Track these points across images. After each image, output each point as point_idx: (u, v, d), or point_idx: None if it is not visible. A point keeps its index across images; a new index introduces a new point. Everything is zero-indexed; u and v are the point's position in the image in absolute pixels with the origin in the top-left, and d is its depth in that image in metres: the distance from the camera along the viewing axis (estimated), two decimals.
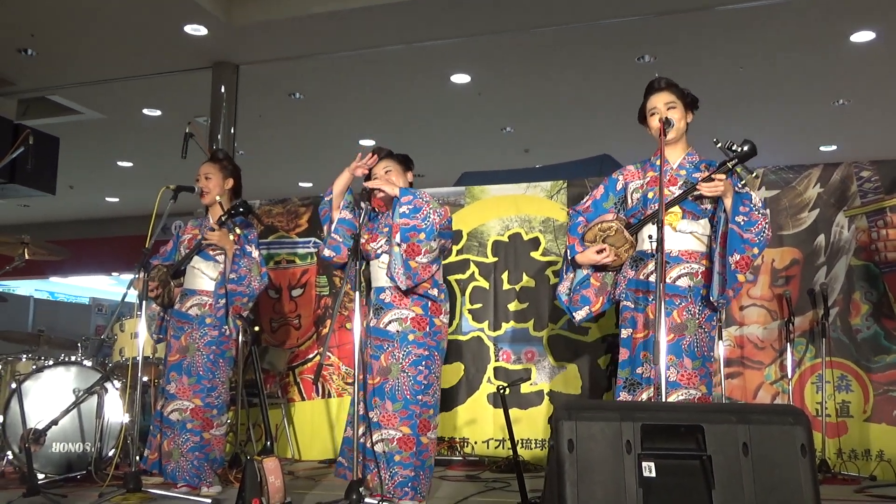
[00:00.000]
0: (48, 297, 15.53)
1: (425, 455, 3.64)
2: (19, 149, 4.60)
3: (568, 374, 5.35)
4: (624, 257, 3.55)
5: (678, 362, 3.33)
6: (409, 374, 3.63)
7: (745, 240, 3.32)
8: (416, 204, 3.61)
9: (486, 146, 10.43)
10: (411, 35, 7.17)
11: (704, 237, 3.47)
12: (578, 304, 3.67)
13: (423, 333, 3.68)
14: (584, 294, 3.67)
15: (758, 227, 3.34)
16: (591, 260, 3.59)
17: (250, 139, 9.59)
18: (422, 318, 3.68)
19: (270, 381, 5.76)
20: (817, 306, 4.90)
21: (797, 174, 5.14)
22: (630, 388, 3.44)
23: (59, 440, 4.46)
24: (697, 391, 3.33)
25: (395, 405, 3.62)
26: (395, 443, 3.59)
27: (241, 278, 4.20)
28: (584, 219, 3.70)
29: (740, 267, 3.32)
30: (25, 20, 6.98)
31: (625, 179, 3.67)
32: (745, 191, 3.40)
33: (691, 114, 3.59)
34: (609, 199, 3.70)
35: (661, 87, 3.54)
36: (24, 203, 12.78)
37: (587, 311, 3.67)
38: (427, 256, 3.59)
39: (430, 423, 3.66)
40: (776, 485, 2.43)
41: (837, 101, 8.84)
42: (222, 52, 7.52)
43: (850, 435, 4.81)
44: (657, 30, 7.15)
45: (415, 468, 3.59)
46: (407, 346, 3.66)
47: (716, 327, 3.46)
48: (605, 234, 3.54)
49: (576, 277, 3.69)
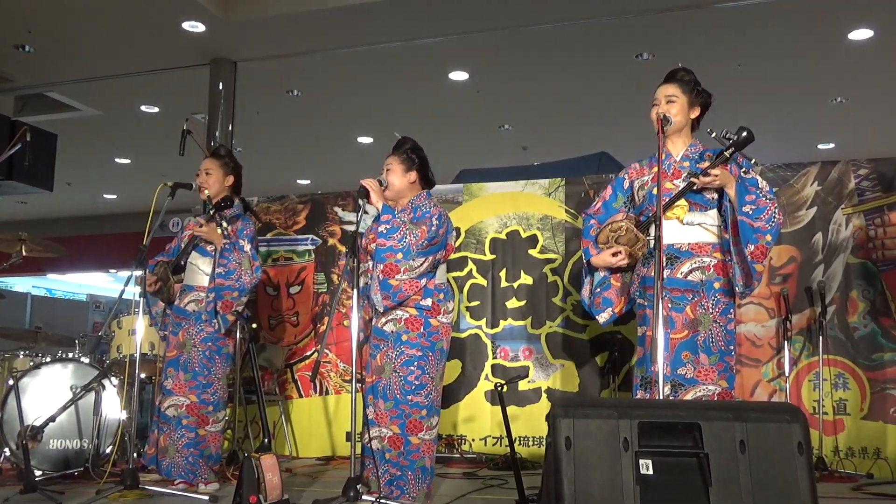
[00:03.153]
0: (46, 293, 15.51)
1: (415, 455, 3.59)
2: (16, 145, 4.60)
3: (565, 372, 5.36)
4: (638, 256, 3.53)
5: (694, 358, 3.29)
6: (400, 374, 3.63)
7: (756, 229, 3.28)
8: (393, 224, 3.60)
9: (485, 143, 10.43)
10: (409, 32, 7.17)
11: (714, 227, 3.43)
12: (601, 306, 3.66)
13: (416, 334, 3.65)
14: (606, 296, 3.65)
15: (767, 213, 3.30)
16: (607, 262, 3.58)
17: (248, 136, 9.58)
18: (416, 318, 3.66)
19: (268, 378, 5.76)
20: (815, 304, 4.91)
21: (795, 172, 5.14)
22: (646, 386, 3.39)
23: (56, 437, 4.45)
24: (717, 386, 3.28)
25: (386, 404, 3.63)
26: (386, 441, 3.61)
27: (229, 273, 4.14)
28: (595, 221, 3.68)
29: (756, 257, 3.28)
30: (22, 16, 6.96)
31: (630, 178, 3.66)
32: (751, 176, 3.36)
33: (698, 109, 3.54)
34: (618, 199, 3.68)
35: (673, 80, 3.51)
36: (22, 200, 12.76)
37: (611, 313, 3.66)
38: (408, 274, 3.57)
39: (422, 424, 3.62)
40: (773, 482, 2.43)
41: (835, 98, 8.84)
42: (220, 48, 7.51)
43: (847, 433, 4.82)
44: (656, 27, 7.15)
45: (402, 468, 3.58)
46: (400, 347, 3.65)
47: (732, 321, 3.39)
48: (617, 235, 3.53)
49: (595, 280, 3.68)
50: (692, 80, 3.52)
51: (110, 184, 13.08)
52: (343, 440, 5.56)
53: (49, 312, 11.59)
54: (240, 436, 5.32)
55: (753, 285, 3.34)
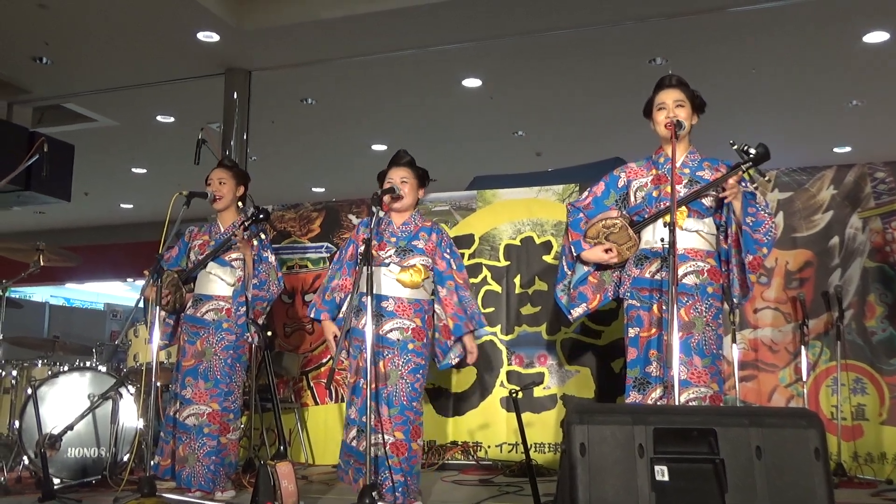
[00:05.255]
0: (64, 303, 15.61)
1: (414, 461, 3.72)
2: (34, 156, 4.64)
3: (581, 378, 5.34)
4: (626, 255, 3.56)
5: (687, 360, 3.33)
6: (407, 381, 3.71)
7: (755, 240, 3.36)
8: None
9: (498, 150, 10.43)
10: (422, 39, 7.19)
11: (710, 236, 3.49)
12: (577, 300, 3.72)
13: (421, 343, 3.78)
14: (582, 291, 3.71)
15: (765, 227, 3.38)
16: (599, 258, 3.60)
17: (263, 145, 9.63)
18: (420, 329, 3.78)
19: (284, 385, 5.78)
20: (832, 308, 4.87)
21: (810, 176, 5.11)
22: (640, 388, 3.45)
23: (74, 445, 4.48)
24: (709, 389, 3.33)
25: (391, 410, 3.68)
26: (388, 447, 3.64)
27: (262, 283, 4.25)
28: (584, 215, 3.70)
29: (752, 267, 3.38)
30: (40, 29, 7.04)
31: (627, 177, 3.67)
32: (750, 189, 3.42)
33: (697, 116, 3.58)
34: (610, 196, 3.70)
35: (673, 84, 3.54)
36: (40, 210, 12.86)
37: (584, 308, 3.72)
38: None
39: (420, 430, 3.76)
40: (789, 488, 2.41)
41: (851, 102, 8.78)
42: (234, 58, 7.56)
43: (865, 438, 4.77)
44: (669, 32, 7.14)
45: (404, 473, 3.65)
46: (407, 355, 3.73)
47: (722, 325, 3.49)
48: (609, 231, 3.54)
49: (576, 274, 3.71)
50: (690, 87, 3.58)
51: (127, 193, 13.18)
52: None
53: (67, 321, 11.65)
54: (256, 443, 5.34)
55: (749, 295, 3.44)
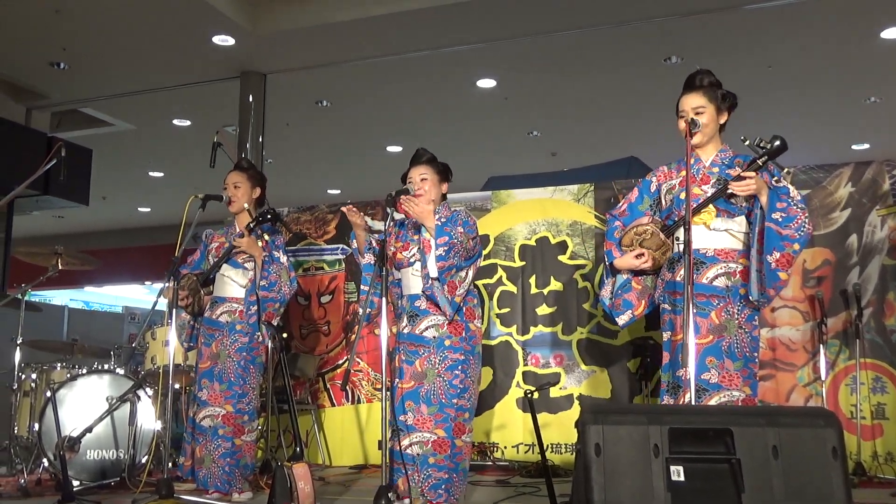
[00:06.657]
0: (83, 306, 15.72)
1: (459, 458, 3.68)
2: (52, 161, 4.67)
3: (597, 378, 5.33)
4: (661, 260, 3.50)
5: (718, 364, 3.26)
6: (444, 378, 3.68)
7: (784, 236, 3.24)
8: (450, 244, 3.66)
9: (513, 150, 10.42)
10: (436, 40, 7.19)
11: (741, 234, 3.40)
12: (621, 308, 3.64)
13: (459, 339, 3.73)
14: (626, 298, 3.63)
15: (797, 222, 3.26)
16: (630, 265, 3.54)
17: (278, 147, 9.66)
18: (458, 323, 3.74)
19: (300, 387, 5.79)
20: (850, 307, 4.83)
21: (828, 173, 5.07)
22: (672, 392, 3.38)
23: (93, 447, 4.52)
24: (741, 392, 3.25)
25: (430, 408, 3.66)
26: (430, 445, 3.62)
27: (271, 284, 4.25)
28: (620, 223, 3.65)
29: (781, 265, 3.24)
30: (57, 34, 7.10)
31: (658, 181, 3.63)
32: (782, 185, 3.32)
33: (726, 114, 3.49)
34: (644, 202, 3.65)
35: (695, 88, 3.45)
36: (59, 214, 12.96)
37: (630, 315, 3.63)
38: (462, 287, 3.73)
39: (465, 427, 3.70)
40: (806, 488, 2.39)
41: (869, 98, 8.70)
42: (249, 61, 7.59)
43: (885, 437, 4.73)
44: (684, 30, 7.10)
45: (448, 470, 3.62)
46: (444, 351, 3.71)
47: (757, 327, 3.37)
48: (642, 238, 3.50)
49: (616, 282, 3.66)
50: (715, 84, 3.47)
51: (144, 197, 13.25)
52: (376, 448, 5.58)
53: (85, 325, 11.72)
54: (273, 445, 5.36)
55: (770, 294, 3.29)
